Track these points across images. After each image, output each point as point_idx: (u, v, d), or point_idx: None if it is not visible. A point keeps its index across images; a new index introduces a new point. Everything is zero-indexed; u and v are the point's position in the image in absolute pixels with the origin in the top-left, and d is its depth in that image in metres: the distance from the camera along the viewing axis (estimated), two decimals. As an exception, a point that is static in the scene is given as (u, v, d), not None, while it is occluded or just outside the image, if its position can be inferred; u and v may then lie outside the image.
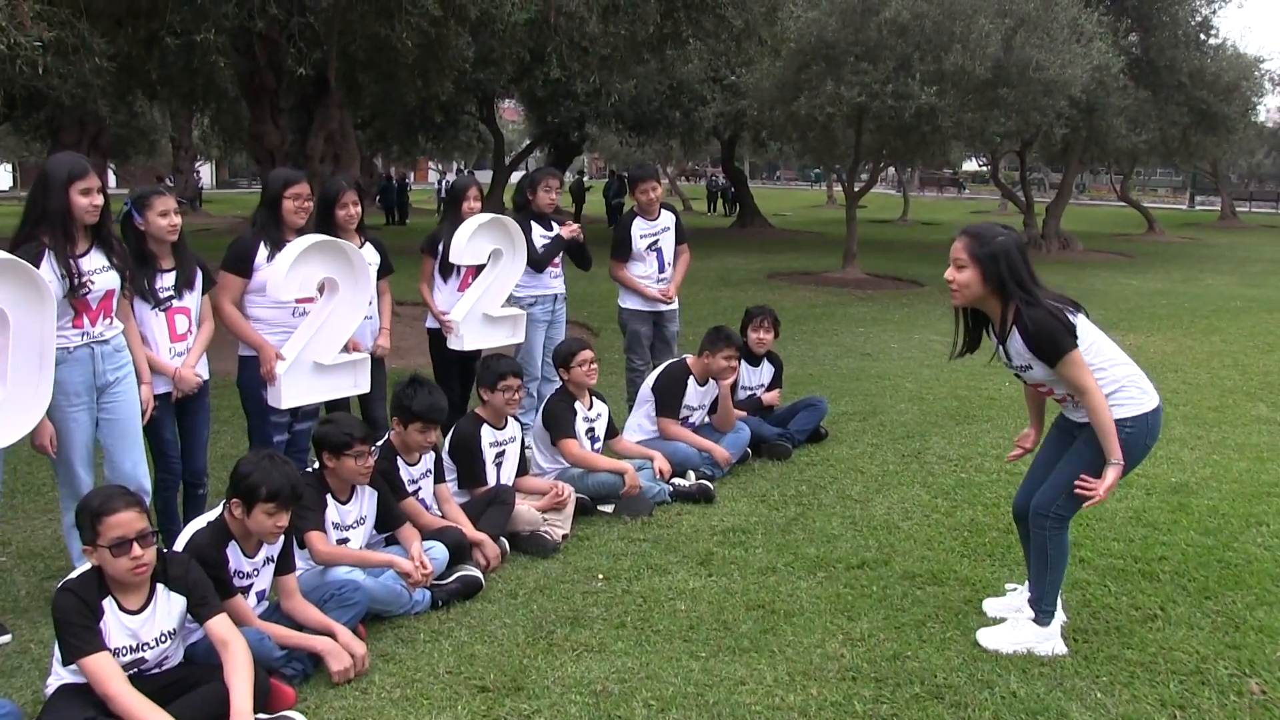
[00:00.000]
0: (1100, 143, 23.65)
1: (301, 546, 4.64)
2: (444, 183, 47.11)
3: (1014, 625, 4.46)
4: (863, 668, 4.19)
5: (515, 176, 58.13)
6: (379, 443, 5.31)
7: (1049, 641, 4.36)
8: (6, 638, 4.60)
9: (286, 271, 5.21)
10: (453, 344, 6.64)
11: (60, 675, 3.71)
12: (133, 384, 4.97)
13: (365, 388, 5.87)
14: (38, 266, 4.49)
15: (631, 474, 6.22)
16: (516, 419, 6.17)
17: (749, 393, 7.76)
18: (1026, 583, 4.54)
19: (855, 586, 5.04)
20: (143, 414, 4.99)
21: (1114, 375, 4.16)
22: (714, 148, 35.95)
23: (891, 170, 39.13)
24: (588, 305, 13.36)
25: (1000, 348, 4.23)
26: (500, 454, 5.93)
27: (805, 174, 71.81)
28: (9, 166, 57.66)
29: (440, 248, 6.77)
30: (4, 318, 4.23)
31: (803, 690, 4.02)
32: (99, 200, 4.69)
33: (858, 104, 15.70)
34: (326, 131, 11.96)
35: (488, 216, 6.60)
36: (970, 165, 53.76)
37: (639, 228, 7.77)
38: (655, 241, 7.79)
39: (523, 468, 6.19)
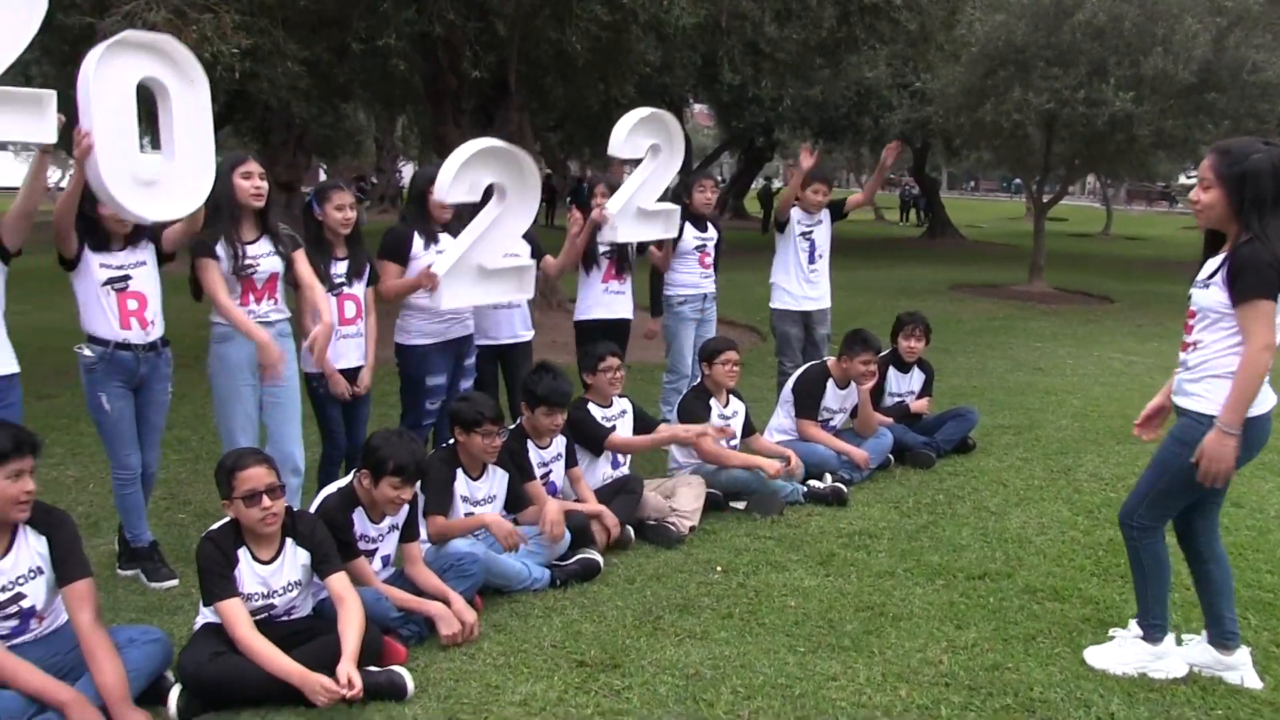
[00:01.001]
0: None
1: (429, 516, 4.91)
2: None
3: (1121, 644, 4.29)
4: (959, 675, 4.17)
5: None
6: (511, 426, 5.57)
7: (1162, 661, 4.16)
8: (173, 582, 5.14)
9: (455, 173, 5.36)
10: (607, 235, 6.72)
11: (205, 615, 4.09)
12: (295, 369, 5.40)
13: (529, 293, 6.06)
14: (215, 247, 5.01)
15: (769, 464, 6.27)
16: (625, 396, 6.31)
17: (897, 399, 7.71)
18: (1203, 632, 4.29)
19: (971, 596, 4.99)
20: (313, 346, 5.30)
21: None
22: (906, 156, 35.40)
23: (1094, 181, 37.73)
24: (760, 310, 13.41)
25: (1210, 261, 3.90)
26: (611, 429, 6.06)
27: (1005, 184, 69.86)
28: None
29: None
30: (164, 91, 4.58)
31: (892, 691, 4.03)
32: (260, 184, 5.17)
33: (1046, 111, 15.27)
34: (505, 134, 12.29)
35: (648, 111, 6.65)
36: (1187, 178, 51.50)
37: (797, 215, 7.90)
38: (810, 231, 7.86)
39: (649, 427, 6.30)
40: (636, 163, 6.76)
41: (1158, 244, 33.06)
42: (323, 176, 49.25)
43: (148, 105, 4.68)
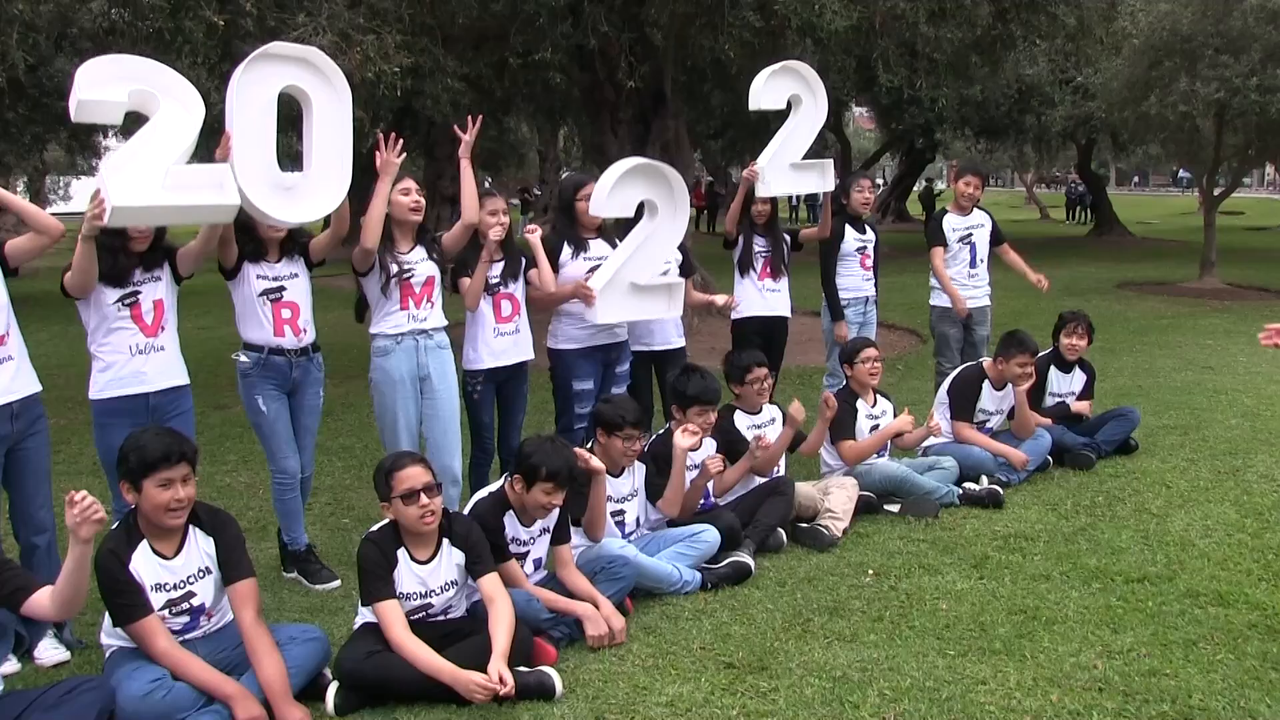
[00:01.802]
0: None
1: (577, 524, 5.02)
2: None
3: None
4: (1114, 680, 4.10)
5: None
6: (659, 433, 5.69)
7: None
8: (336, 583, 5.38)
9: (609, 191, 5.57)
10: (760, 191, 6.85)
11: (364, 615, 4.28)
12: (453, 380, 5.63)
13: (678, 311, 6.19)
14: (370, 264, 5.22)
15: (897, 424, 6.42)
16: (773, 403, 6.36)
17: (1058, 400, 7.57)
18: None
19: (1129, 600, 4.89)
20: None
21: None
22: (1072, 153, 34.41)
23: (1273, 172, 36.11)
24: (921, 313, 13.28)
25: None
26: (758, 438, 6.09)
27: (1174, 178, 67.21)
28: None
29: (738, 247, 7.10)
30: (308, 100, 4.79)
31: (1043, 696, 3.99)
32: (418, 200, 5.46)
33: (1216, 100, 14.72)
34: (662, 142, 12.47)
35: (782, 64, 6.76)
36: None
37: (951, 222, 7.85)
38: (969, 235, 7.79)
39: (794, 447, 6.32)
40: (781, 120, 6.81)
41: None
42: (488, 188, 50.21)
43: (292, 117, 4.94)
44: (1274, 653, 4.33)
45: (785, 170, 6.79)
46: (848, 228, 7.53)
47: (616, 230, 6.24)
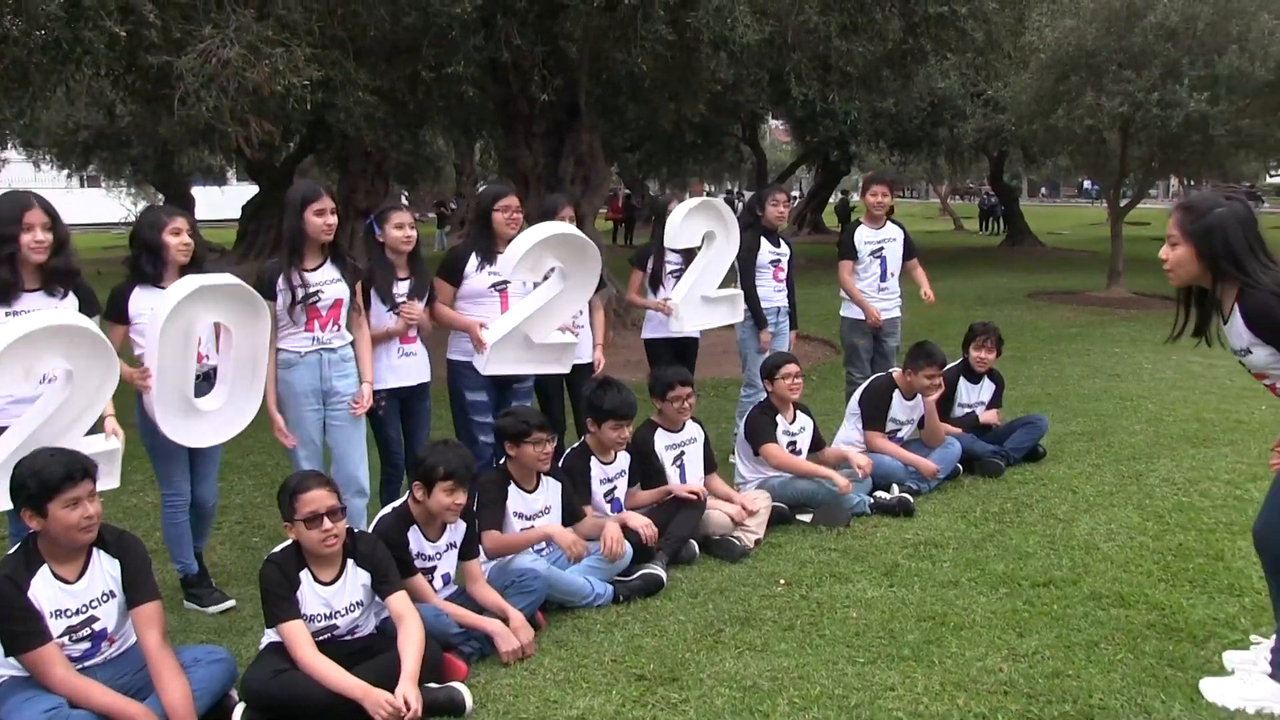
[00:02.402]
0: None
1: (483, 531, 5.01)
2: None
3: (1244, 678, 4.07)
4: (1018, 683, 4.16)
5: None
6: (574, 446, 5.68)
7: None
8: (229, 603, 5.31)
9: (523, 254, 5.56)
10: (673, 326, 6.87)
11: (270, 635, 4.20)
12: (356, 391, 5.51)
13: (566, 369, 6.17)
14: (276, 281, 5.12)
15: (839, 478, 6.30)
16: (697, 421, 6.35)
17: (967, 410, 7.68)
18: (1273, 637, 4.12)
19: (1035, 604, 4.97)
20: (363, 406, 5.50)
21: None
22: (985, 165, 35.02)
23: (1177, 184, 37.04)
24: (836, 324, 13.41)
25: (1221, 327, 3.83)
26: (679, 455, 6.12)
27: (1079, 190, 68.87)
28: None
29: (649, 262, 7.07)
30: (228, 331, 4.86)
31: (950, 700, 4.04)
32: (332, 220, 5.31)
33: (1120, 114, 15.08)
34: (577, 155, 12.50)
35: (699, 200, 6.85)
36: (1271, 176, 50.23)
37: (863, 235, 7.94)
38: (880, 248, 7.89)
39: (710, 465, 6.34)
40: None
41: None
42: (404, 203, 49.80)
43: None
44: (1170, 651, 4.43)
45: (698, 304, 6.88)
46: (762, 240, 7.58)
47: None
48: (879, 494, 6.54)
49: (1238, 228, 3.65)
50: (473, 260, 5.99)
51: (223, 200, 40.10)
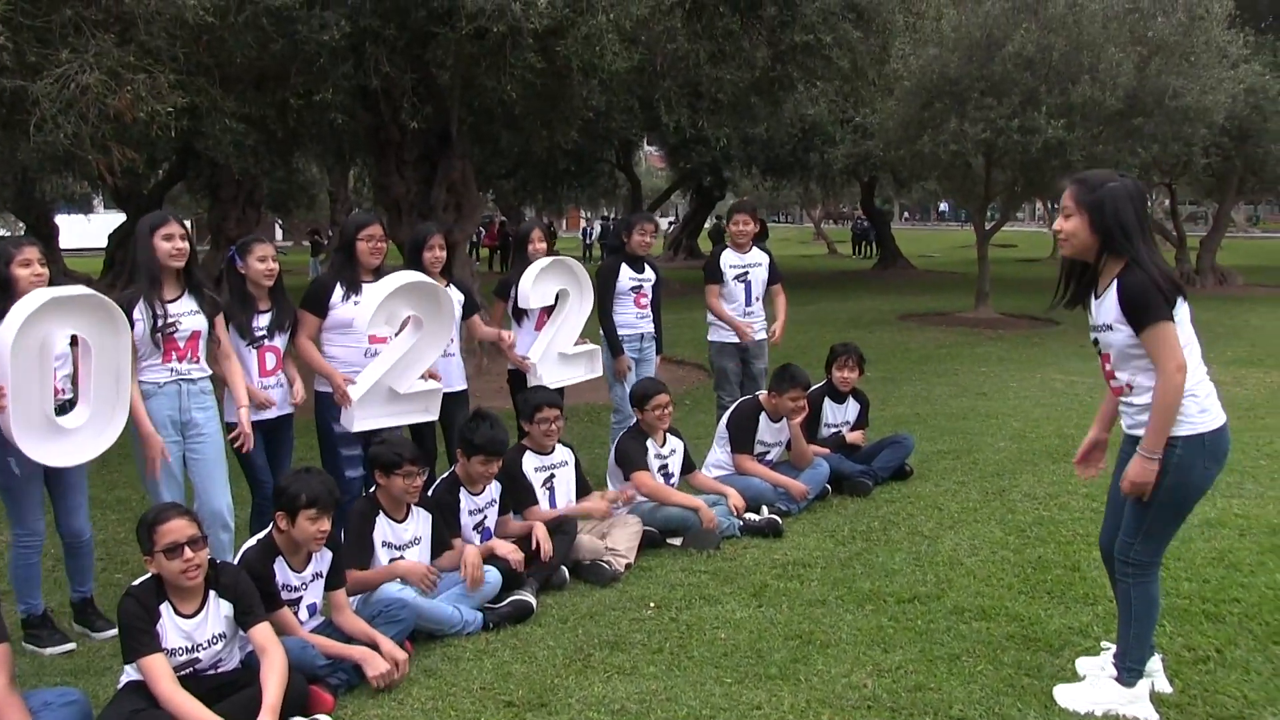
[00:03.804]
0: (1258, 171, 22.68)
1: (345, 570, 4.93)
2: (590, 230, 47.95)
3: (1094, 683, 4.21)
4: (882, 697, 4.24)
5: (659, 222, 57.72)
6: (443, 476, 5.64)
7: (1133, 706, 4.05)
8: (70, 645, 5.14)
9: (376, 307, 5.53)
10: (532, 382, 6.87)
11: (129, 673, 4.08)
12: (217, 425, 5.43)
13: (434, 415, 6.14)
14: (133, 309, 5.01)
15: (706, 511, 6.34)
16: (566, 444, 6.37)
17: (833, 430, 7.81)
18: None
19: (900, 620, 5.07)
20: (240, 439, 5.44)
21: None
22: (858, 190, 35.73)
23: (1041, 207, 38.23)
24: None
25: (1092, 300, 3.96)
26: (549, 478, 6.13)
27: (942, 214, 70.99)
28: (189, 223, 61.11)
29: (512, 292, 7.06)
30: (86, 345, 4.72)
31: (815, 717, 4.09)
32: (181, 245, 5.21)
33: (983, 140, 15.54)
34: (449, 182, 12.43)
35: (550, 260, 6.86)
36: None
37: (729, 259, 8.03)
38: (745, 273, 7.98)
39: (583, 489, 6.36)
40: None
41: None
42: (279, 232, 48.96)
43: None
44: (1028, 660, 4.56)
45: (556, 361, 6.92)
46: (624, 266, 7.61)
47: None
48: (749, 516, 6.60)
49: (1129, 203, 3.79)
50: (338, 291, 5.93)
51: (89, 228, 38.86)
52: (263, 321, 5.63)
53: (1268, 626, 4.90)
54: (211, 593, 4.19)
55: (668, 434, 6.76)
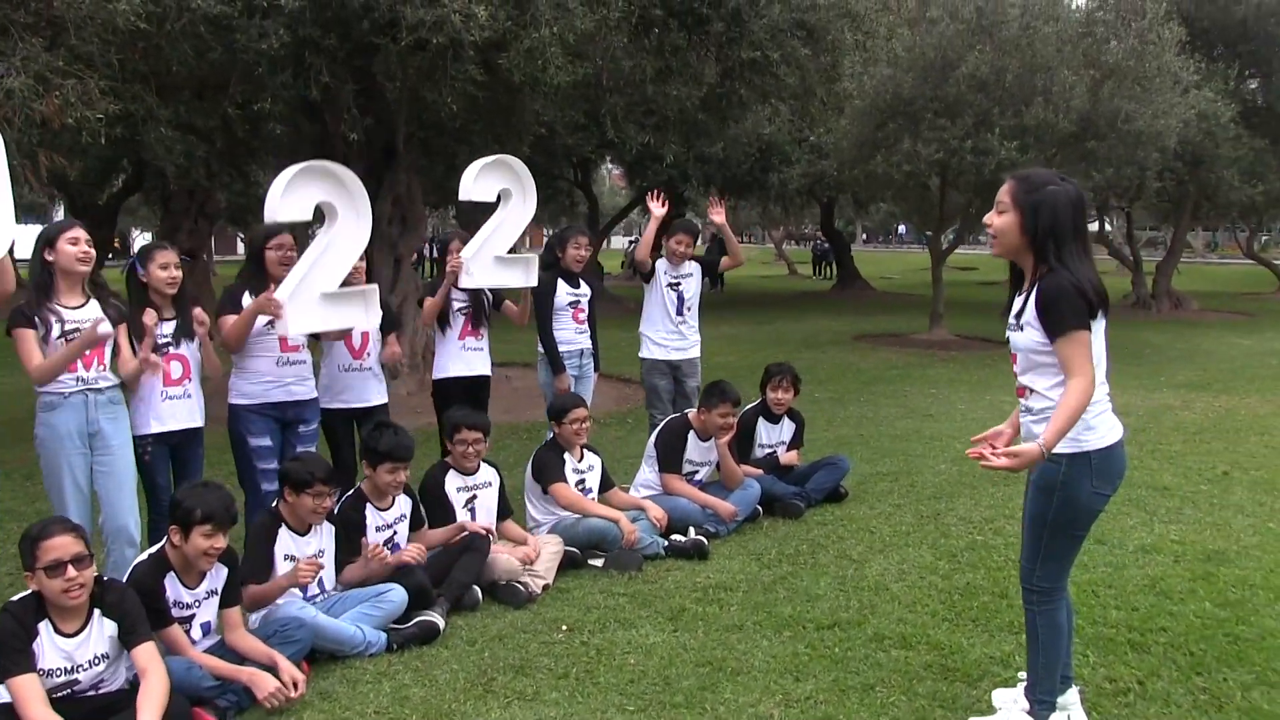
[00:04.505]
0: (1211, 196, 22.82)
1: (244, 585, 4.76)
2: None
3: (1007, 716, 4.09)
4: (787, 727, 4.10)
5: (618, 240, 57.58)
6: (349, 493, 5.48)
7: None
8: None
9: (282, 193, 5.24)
10: (464, 282, 6.69)
11: (0, 693, 3.87)
12: (126, 436, 5.26)
13: (376, 320, 5.92)
14: (31, 317, 4.84)
15: (626, 523, 6.20)
16: (491, 464, 6.22)
17: (768, 450, 7.68)
18: None
19: (817, 647, 4.93)
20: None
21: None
22: (818, 210, 35.77)
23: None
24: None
25: (1017, 298, 3.83)
26: (471, 498, 5.97)
27: (898, 237, 71.56)
28: (149, 235, 60.67)
29: (436, 294, 6.95)
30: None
31: (715, 747, 3.96)
32: (87, 250, 5.10)
33: (936, 161, 15.53)
34: (394, 195, 12.26)
35: (494, 157, 6.70)
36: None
37: (663, 266, 8.00)
38: (677, 283, 7.94)
39: (504, 511, 6.21)
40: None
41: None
42: (240, 245, 48.38)
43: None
44: (944, 691, 4.43)
45: (490, 264, 6.72)
46: (560, 282, 7.49)
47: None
48: (674, 537, 6.45)
49: (1068, 208, 3.63)
50: (247, 297, 5.77)
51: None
52: (166, 329, 5.46)
53: (1192, 657, 4.80)
54: (96, 611, 4.02)
55: (585, 449, 6.62)
